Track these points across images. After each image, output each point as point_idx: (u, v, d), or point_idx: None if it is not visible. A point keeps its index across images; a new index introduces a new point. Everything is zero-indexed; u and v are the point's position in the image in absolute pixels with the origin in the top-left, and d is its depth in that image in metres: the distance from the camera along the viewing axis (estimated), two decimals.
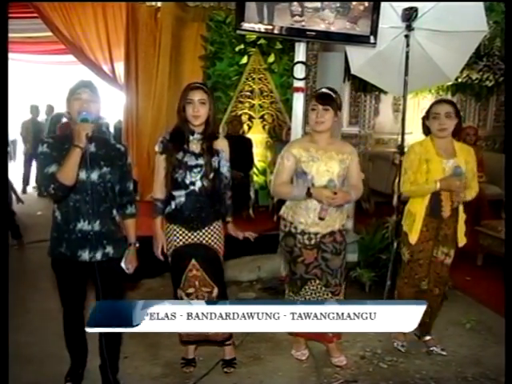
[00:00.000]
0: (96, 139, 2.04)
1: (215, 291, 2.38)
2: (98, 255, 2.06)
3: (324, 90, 2.45)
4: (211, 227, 2.37)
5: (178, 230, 2.36)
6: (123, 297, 2.33)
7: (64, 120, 7.15)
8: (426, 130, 2.66)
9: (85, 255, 2.04)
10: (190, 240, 2.35)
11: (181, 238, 2.35)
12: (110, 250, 2.10)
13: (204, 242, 2.36)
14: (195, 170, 2.30)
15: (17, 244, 4.62)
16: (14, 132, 7.67)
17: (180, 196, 2.32)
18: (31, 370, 2.42)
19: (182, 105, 2.28)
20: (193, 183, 2.30)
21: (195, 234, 2.35)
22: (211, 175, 2.32)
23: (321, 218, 2.33)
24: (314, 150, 2.40)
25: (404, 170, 2.67)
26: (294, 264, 2.49)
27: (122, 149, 2.16)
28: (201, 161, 2.30)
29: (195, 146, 2.33)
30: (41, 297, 3.31)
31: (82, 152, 1.89)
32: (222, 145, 2.39)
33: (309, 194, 2.32)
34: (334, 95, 2.40)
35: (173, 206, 2.34)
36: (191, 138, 2.32)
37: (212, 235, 2.38)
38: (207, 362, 2.59)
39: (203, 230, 2.35)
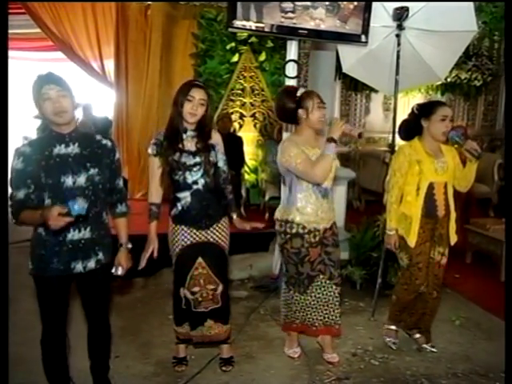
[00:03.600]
0: (80, 138, 1.90)
1: (220, 288, 2.37)
2: (92, 264, 1.95)
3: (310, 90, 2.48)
4: (219, 224, 2.37)
5: (186, 229, 2.32)
6: (109, 303, 2.23)
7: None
8: (412, 132, 2.65)
9: (79, 266, 1.91)
10: (197, 239, 2.33)
11: (189, 237, 2.33)
12: (101, 256, 1.98)
13: (212, 239, 2.35)
14: (195, 169, 2.27)
15: None
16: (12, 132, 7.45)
17: (185, 197, 2.29)
18: (22, 370, 2.39)
19: (181, 100, 2.22)
20: (195, 182, 2.28)
21: (203, 232, 2.33)
22: (212, 171, 2.30)
23: (360, 135, 2.33)
24: (311, 147, 2.39)
25: (393, 171, 2.64)
26: (301, 264, 2.46)
27: (108, 144, 1.98)
28: (198, 159, 2.27)
29: (190, 144, 2.29)
30: (29, 297, 3.27)
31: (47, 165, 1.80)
32: (215, 138, 2.35)
33: (331, 139, 2.26)
34: None
35: (179, 208, 2.31)
36: (184, 135, 2.29)
37: (220, 232, 2.37)
38: (199, 361, 2.58)
39: (211, 228, 2.34)
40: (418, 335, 2.84)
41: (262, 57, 5.85)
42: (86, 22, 6.00)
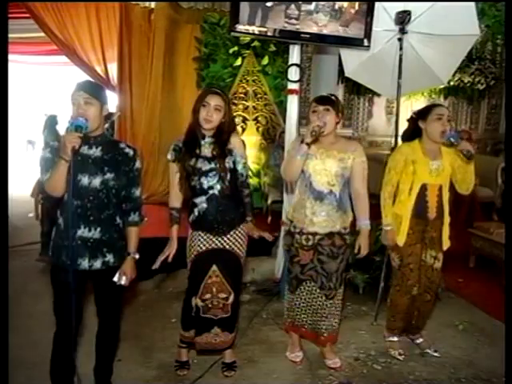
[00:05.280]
0: (104, 143, 1.98)
1: (231, 297, 2.36)
2: (98, 264, 1.98)
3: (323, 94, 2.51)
4: (236, 231, 2.36)
5: (203, 235, 2.33)
6: (120, 306, 2.25)
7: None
8: (411, 133, 2.67)
9: (84, 263, 1.96)
10: (213, 245, 2.33)
11: (204, 243, 2.33)
12: (110, 258, 2.01)
13: (227, 247, 2.34)
14: (210, 175, 2.28)
15: None
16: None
17: (201, 202, 2.30)
18: (23, 373, 2.39)
19: (198, 106, 2.27)
20: (211, 187, 2.29)
21: (219, 238, 2.33)
22: (228, 177, 2.30)
23: (317, 128, 2.22)
24: (316, 148, 2.38)
25: (388, 168, 2.66)
26: (291, 264, 2.53)
27: (130, 153, 2.05)
28: (214, 165, 2.28)
29: (207, 150, 2.30)
30: (31, 300, 3.28)
31: (69, 163, 1.79)
32: (233, 142, 2.34)
33: (303, 142, 2.25)
34: (333, 97, 2.44)
35: (196, 213, 2.32)
36: (202, 142, 2.31)
37: (236, 240, 2.36)
38: (201, 365, 2.57)
39: (228, 235, 2.34)
40: (420, 340, 2.83)
41: (265, 61, 5.85)
42: (89, 27, 6.02)
